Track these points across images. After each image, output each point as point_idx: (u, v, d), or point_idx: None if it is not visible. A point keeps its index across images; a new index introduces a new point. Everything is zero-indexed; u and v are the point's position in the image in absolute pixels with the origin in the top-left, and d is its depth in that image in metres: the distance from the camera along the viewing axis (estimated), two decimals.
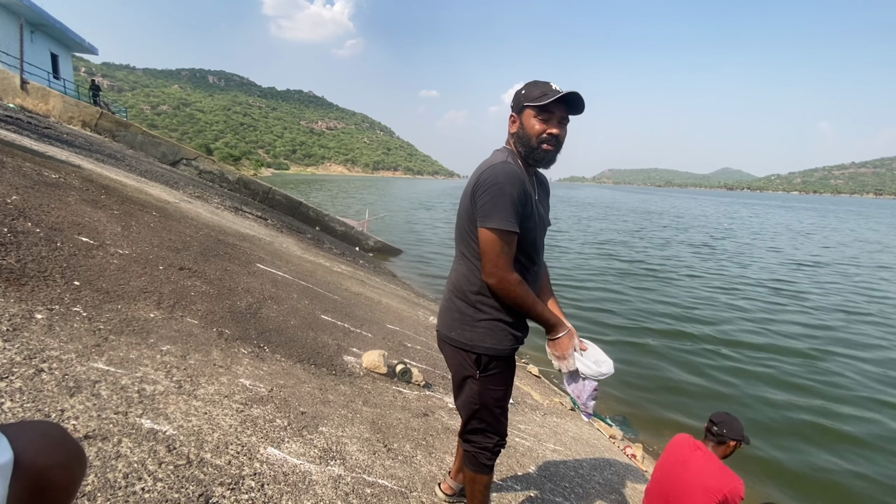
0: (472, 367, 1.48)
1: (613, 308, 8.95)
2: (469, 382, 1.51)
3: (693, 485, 1.97)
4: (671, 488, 2.05)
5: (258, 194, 13.40)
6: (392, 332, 4.27)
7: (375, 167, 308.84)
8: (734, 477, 1.93)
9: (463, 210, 1.47)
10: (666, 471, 2.12)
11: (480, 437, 1.57)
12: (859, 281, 12.96)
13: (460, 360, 1.50)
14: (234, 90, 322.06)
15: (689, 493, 1.96)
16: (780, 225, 32.53)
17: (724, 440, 2.10)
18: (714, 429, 2.13)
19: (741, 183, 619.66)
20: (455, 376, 1.56)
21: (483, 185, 1.36)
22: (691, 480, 1.99)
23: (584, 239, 19.10)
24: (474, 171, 1.46)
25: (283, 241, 7.37)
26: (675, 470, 2.08)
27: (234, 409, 1.88)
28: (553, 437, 3.37)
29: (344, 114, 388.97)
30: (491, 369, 1.48)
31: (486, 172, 1.37)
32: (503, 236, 1.35)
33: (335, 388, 2.52)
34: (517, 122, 1.46)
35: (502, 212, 1.34)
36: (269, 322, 3.05)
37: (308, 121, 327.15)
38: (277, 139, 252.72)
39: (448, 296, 1.54)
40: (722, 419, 2.13)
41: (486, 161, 1.45)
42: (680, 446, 2.13)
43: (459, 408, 1.59)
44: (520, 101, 1.45)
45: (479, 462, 1.58)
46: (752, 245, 19.54)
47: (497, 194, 1.34)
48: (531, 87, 1.43)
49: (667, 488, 2.08)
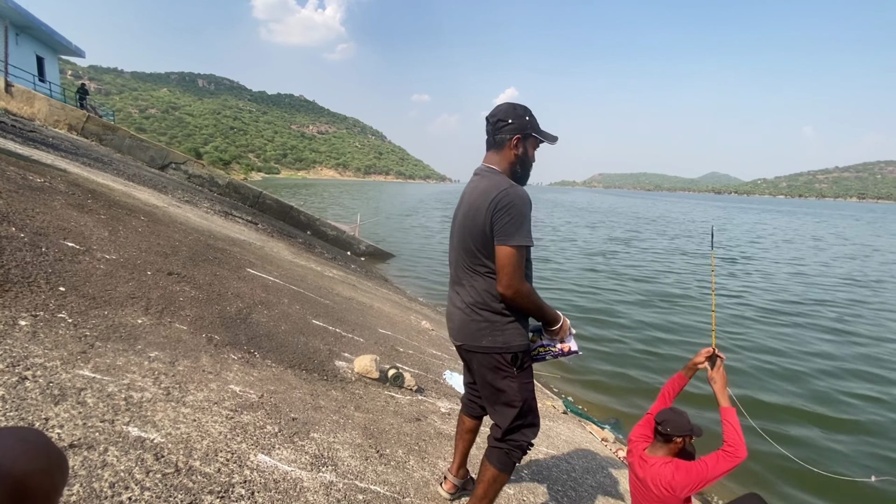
0: (508, 367, 1.58)
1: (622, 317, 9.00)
2: (508, 383, 1.60)
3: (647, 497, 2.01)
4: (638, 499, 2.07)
5: (248, 198, 13.30)
6: (384, 336, 4.25)
7: (367, 171, 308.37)
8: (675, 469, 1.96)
9: (475, 230, 1.53)
10: (632, 481, 2.14)
11: (522, 433, 1.65)
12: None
13: (495, 364, 1.58)
14: (223, 94, 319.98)
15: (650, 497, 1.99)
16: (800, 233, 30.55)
17: (670, 438, 2.09)
18: (659, 428, 2.11)
19: (728, 187, 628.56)
20: (489, 384, 1.63)
21: (503, 207, 1.46)
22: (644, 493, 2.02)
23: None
24: (475, 192, 1.55)
25: (273, 245, 7.32)
26: (633, 480, 2.11)
27: (223, 416, 1.85)
28: (545, 440, 3.37)
29: (335, 118, 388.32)
30: (524, 364, 1.62)
31: (503, 195, 1.46)
32: (522, 252, 1.48)
33: (327, 394, 2.50)
34: (522, 147, 1.57)
35: (522, 230, 1.46)
36: (260, 327, 3.02)
37: (299, 125, 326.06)
38: (268, 143, 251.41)
39: (469, 311, 1.60)
40: (664, 418, 2.10)
41: (489, 184, 1.52)
42: (635, 455, 2.14)
43: (499, 412, 1.64)
44: (526, 127, 1.54)
45: (510, 460, 1.65)
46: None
47: (517, 215, 1.45)
48: (534, 117, 1.57)
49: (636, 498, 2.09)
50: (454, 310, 1.68)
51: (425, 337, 5.12)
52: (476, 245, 1.54)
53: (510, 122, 1.55)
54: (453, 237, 1.70)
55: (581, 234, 23.57)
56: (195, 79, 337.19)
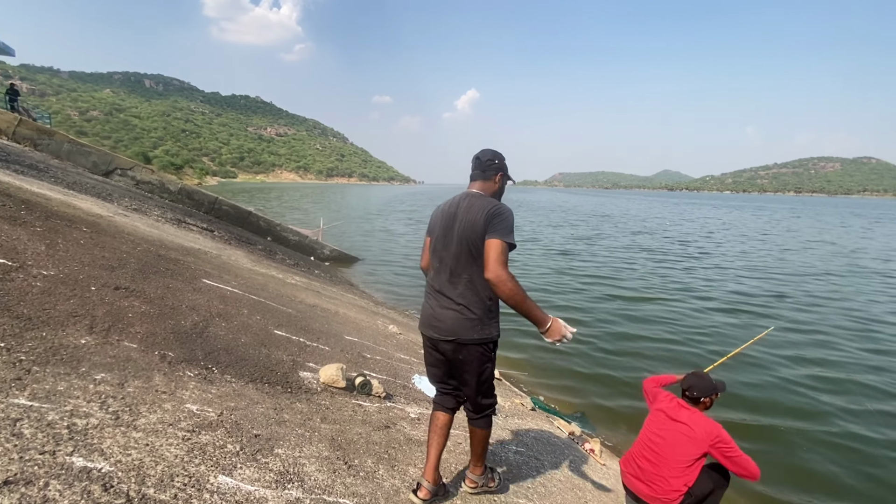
0: (489, 353, 1.99)
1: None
2: (488, 365, 2.00)
3: (680, 439, 2.28)
4: (660, 441, 2.34)
5: (203, 205, 12.74)
6: (350, 343, 4.18)
7: (329, 174, 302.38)
8: (715, 424, 2.26)
9: (475, 238, 1.88)
10: (654, 427, 2.41)
11: (492, 399, 2.11)
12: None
13: (482, 351, 1.96)
14: (173, 95, 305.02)
15: (676, 445, 2.28)
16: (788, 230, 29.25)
17: (698, 400, 2.39)
18: (687, 394, 2.42)
19: (680, 184, 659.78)
20: (475, 369, 1.98)
21: (496, 214, 1.88)
22: (678, 435, 2.30)
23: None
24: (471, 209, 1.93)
25: (231, 253, 7.04)
26: (664, 426, 2.37)
27: (179, 438, 1.76)
28: (515, 439, 3.41)
29: (294, 120, 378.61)
30: (496, 350, 2.04)
31: (496, 207, 1.90)
32: (507, 247, 1.84)
33: (291, 407, 2.42)
34: (501, 182, 2.10)
35: (508, 231, 1.86)
36: (218, 341, 2.90)
37: (256, 127, 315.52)
38: (223, 146, 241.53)
39: (463, 309, 1.92)
40: (691, 384, 2.42)
41: (483, 203, 1.93)
42: (667, 402, 2.44)
43: (477, 391, 2.03)
44: (504, 168, 2.10)
45: (490, 420, 2.14)
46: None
47: (505, 220, 1.87)
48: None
49: (656, 441, 2.36)
50: (445, 310, 1.94)
51: (393, 341, 5.08)
52: (474, 252, 1.89)
53: (496, 163, 2.06)
54: (447, 247, 1.97)
55: (545, 233, 24.08)
56: (141, 79, 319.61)
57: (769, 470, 4.14)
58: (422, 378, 3.89)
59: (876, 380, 6.01)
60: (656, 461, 2.33)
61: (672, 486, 2.25)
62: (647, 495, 2.35)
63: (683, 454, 2.26)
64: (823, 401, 5.43)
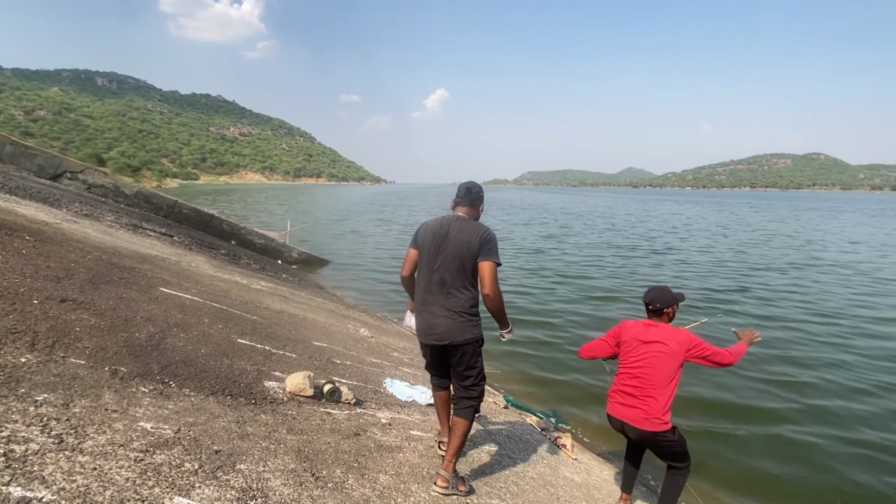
0: (479, 349, 2.36)
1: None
2: (478, 359, 2.36)
3: (659, 357, 2.42)
4: (641, 364, 2.47)
5: (162, 209, 12.21)
6: (319, 349, 4.08)
7: (296, 174, 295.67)
8: (685, 332, 2.48)
9: (469, 256, 2.24)
10: (632, 354, 2.53)
11: (482, 385, 2.40)
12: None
13: (473, 349, 2.32)
14: (128, 94, 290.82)
15: (657, 364, 2.41)
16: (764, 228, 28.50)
17: (662, 311, 2.54)
18: (651, 307, 2.57)
19: (644, 181, 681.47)
20: (468, 366, 2.33)
21: (489, 240, 2.26)
22: (656, 354, 2.43)
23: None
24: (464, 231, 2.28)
25: (192, 259, 6.76)
26: (640, 350, 2.49)
27: (131, 459, 1.66)
28: (488, 438, 3.42)
29: (259, 119, 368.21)
30: (482, 345, 2.40)
31: (487, 233, 2.29)
32: (497, 268, 2.26)
33: (255, 419, 2.34)
34: (482, 209, 2.50)
35: (497, 253, 2.28)
36: (176, 353, 2.76)
37: (218, 127, 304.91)
38: (184, 147, 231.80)
39: (456, 315, 2.27)
40: (653, 296, 2.57)
41: (474, 227, 2.30)
42: (637, 329, 2.57)
43: (471, 383, 2.36)
44: (484, 199, 2.51)
45: (475, 411, 2.38)
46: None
47: (495, 244, 2.28)
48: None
49: (637, 365, 2.48)
50: (439, 318, 2.28)
51: (364, 345, 5.00)
52: (468, 268, 2.26)
53: (482, 195, 2.49)
54: (440, 262, 2.28)
55: (517, 232, 24.35)
56: (93, 77, 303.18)
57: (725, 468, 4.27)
58: (394, 382, 3.84)
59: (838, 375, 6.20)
60: (642, 384, 2.47)
61: (660, 403, 2.41)
62: (638, 419, 2.46)
63: (665, 370, 2.41)
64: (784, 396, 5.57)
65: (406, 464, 2.43)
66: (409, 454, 2.56)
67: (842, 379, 5.97)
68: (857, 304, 9.86)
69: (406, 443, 2.71)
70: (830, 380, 5.94)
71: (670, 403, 2.44)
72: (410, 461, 2.48)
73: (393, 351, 5.32)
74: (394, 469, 2.33)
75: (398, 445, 2.63)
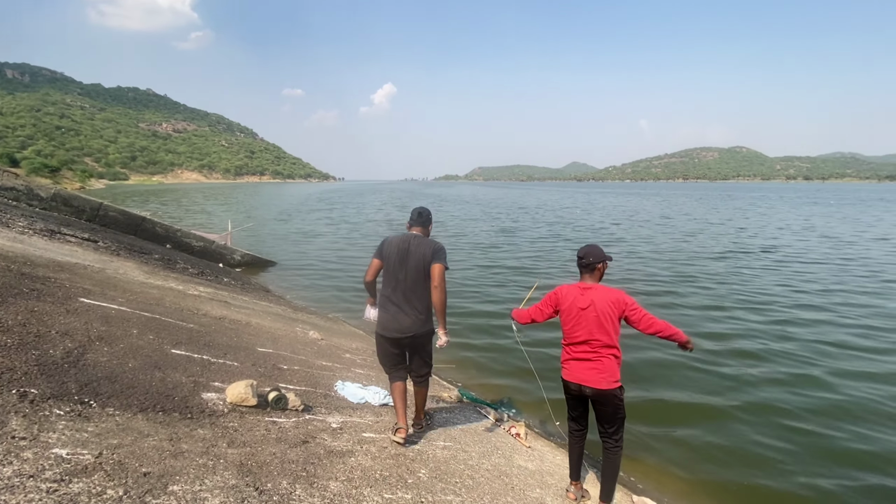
0: (431, 338, 3.00)
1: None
2: (430, 347, 3.04)
3: (598, 320, 2.61)
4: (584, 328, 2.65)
5: (85, 212, 11.18)
6: (264, 355, 3.89)
7: (238, 172, 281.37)
8: (618, 292, 2.67)
9: (423, 263, 2.84)
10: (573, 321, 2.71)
11: (431, 366, 3.16)
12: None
13: (430, 337, 2.98)
14: (43, 87, 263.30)
15: (598, 326, 2.61)
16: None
17: (594, 266, 2.74)
18: (583, 261, 2.75)
19: (587, 174, 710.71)
20: (427, 350, 3.04)
21: (440, 250, 2.90)
22: (594, 318, 2.62)
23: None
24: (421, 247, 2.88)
25: (119, 266, 6.24)
26: (580, 315, 2.67)
27: (43, 491, 1.49)
28: (443, 433, 3.41)
29: (195, 114, 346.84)
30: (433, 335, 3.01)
31: (439, 245, 2.91)
32: (445, 270, 2.85)
33: (191, 435, 2.18)
34: (431, 228, 3.13)
35: (446, 259, 2.88)
36: (98, 369, 2.52)
37: (149, 123, 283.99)
38: (110, 144, 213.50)
39: (415, 314, 2.87)
40: (587, 251, 2.76)
41: (429, 242, 2.92)
42: (573, 295, 2.74)
43: (423, 363, 3.06)
44: (431, 220, 3.14)
45: (429, 381, 3.19)
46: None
47: (445, 253, 2.91)
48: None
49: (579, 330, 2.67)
50: (405, 316, 2.86)
51: (313, 348, 4.84)
52: (424, 275, 2.84)
53: (430, 217, 3.12)
54: (404, 271, 2.86)
55: (469, 227, 24.51)
56: (1, 69, 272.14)
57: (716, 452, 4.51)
58: (345, 384, 3.74)
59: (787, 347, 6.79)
60: (591, 348, 2.66)
61: (612, 362, 2.64)
62: (595, 379, 2.65)
63: (607, 331, 2.62)
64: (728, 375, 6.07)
65: (358, 468, 2.37)
66: (361, 458, 2.50)
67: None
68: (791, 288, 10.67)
69: (358, 446, 2.65)
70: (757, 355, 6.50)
71: (619, 361, 2.68)
72: (363, 465, 2.42)
73: (345, 353, 5.19)
74: (345, 475, 2.26)
75: (350, 450, 2.56)
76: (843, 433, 4.52)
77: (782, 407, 5.03)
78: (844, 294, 9.72)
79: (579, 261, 2.79)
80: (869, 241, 18.37)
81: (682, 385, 5.62)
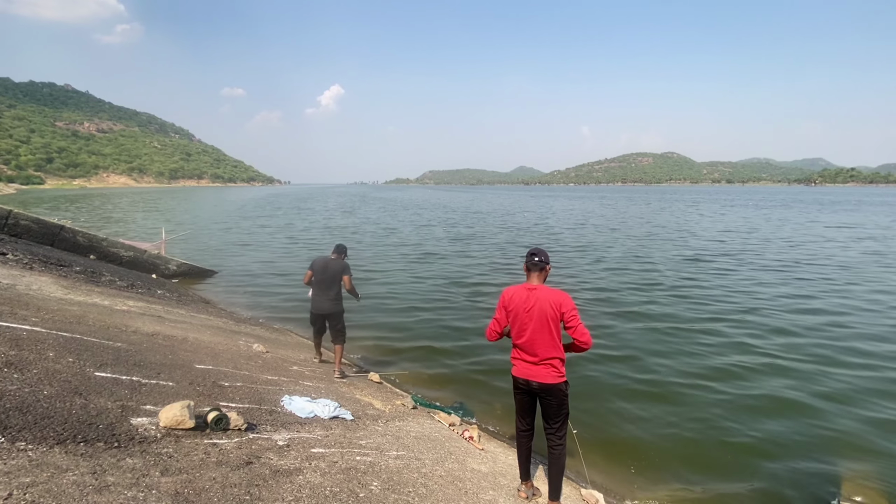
0: (342, 314, 5.28)
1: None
2: (343, 320, 5.29)
3: (542, 321, 2.73)
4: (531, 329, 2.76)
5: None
6: (203, 372, 3.66)
7: (173, 176, 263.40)
8: (562, 293, 2.77)
9: (338, 272, 5.15)
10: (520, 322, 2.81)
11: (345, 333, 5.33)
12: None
13: (341, 315, 5.25)
14: None
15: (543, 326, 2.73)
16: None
17: (543, 266, 2.86)
18: (535, 259, 2.86)
19: (534, 178, 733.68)
20: (338, 320, 5.22)
21: (347, 267, 5.26)
22: (538, 319, 2.74)
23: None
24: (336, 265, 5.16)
25: (32, 281, 5.63)
26: (526, 318, 2.78)
27: None
28: (396, 443, 3.38)
29: (122, 113, 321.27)
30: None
31: (346, 265, 5.25)
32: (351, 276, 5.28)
33: (118, 466, 2.00)
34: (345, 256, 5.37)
35: (351, 272, 5.29)
36: (6, 399, 2.26)
37: (68, 122, 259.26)
38: (22, 145, 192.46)
39: (332, 300, 5.15)
40: (536, 251, 2.89)
41: (342, 262, 5.24)
42: (519, 296, 2.83)
43: (339, 330, 5.23)
44: (346, 251, 5.43)
45: (344, 338, 5.30)
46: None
47: (350, 269, 5.30)
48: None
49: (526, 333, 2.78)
50: (326, 301, 5.11)
51: (258, 362, 4.62)
52: (337, 280, 5.14)
53: (346, 249, 5.44)
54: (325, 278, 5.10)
55: (423, 232, 24.29)
56: None
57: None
58: (293, 398, 3.60)
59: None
60: (540, 349, 2.77)
61: (559, 358, 2.78)
62: (543, 374, 2.78)
63: (551, 332, 2.75)
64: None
65: (307, 486, 2.28)
66: (310, 475, 2.41)
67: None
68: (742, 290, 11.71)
69: (307, 463, 2.55)
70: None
71: (563, 359, 2.81)
72: (312, 482, 2.33)
73: (292, 365, 5.00)
74: (293, 494, 2.17)
75: (297, 467, 2.46)
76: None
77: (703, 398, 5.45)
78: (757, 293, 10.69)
79: (531, 258, 2.88)
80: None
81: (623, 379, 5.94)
